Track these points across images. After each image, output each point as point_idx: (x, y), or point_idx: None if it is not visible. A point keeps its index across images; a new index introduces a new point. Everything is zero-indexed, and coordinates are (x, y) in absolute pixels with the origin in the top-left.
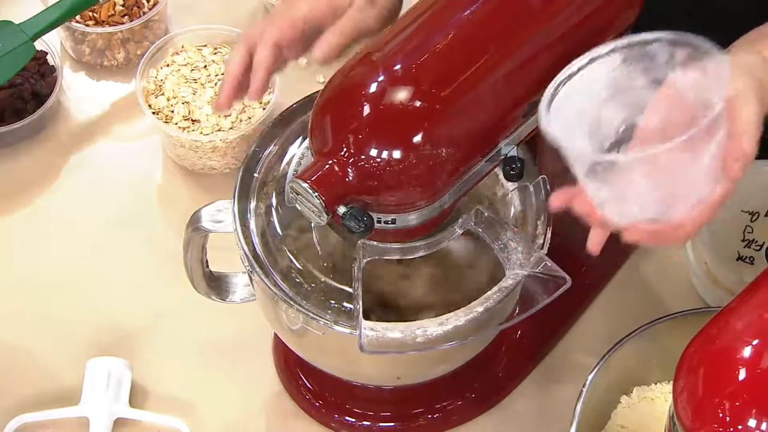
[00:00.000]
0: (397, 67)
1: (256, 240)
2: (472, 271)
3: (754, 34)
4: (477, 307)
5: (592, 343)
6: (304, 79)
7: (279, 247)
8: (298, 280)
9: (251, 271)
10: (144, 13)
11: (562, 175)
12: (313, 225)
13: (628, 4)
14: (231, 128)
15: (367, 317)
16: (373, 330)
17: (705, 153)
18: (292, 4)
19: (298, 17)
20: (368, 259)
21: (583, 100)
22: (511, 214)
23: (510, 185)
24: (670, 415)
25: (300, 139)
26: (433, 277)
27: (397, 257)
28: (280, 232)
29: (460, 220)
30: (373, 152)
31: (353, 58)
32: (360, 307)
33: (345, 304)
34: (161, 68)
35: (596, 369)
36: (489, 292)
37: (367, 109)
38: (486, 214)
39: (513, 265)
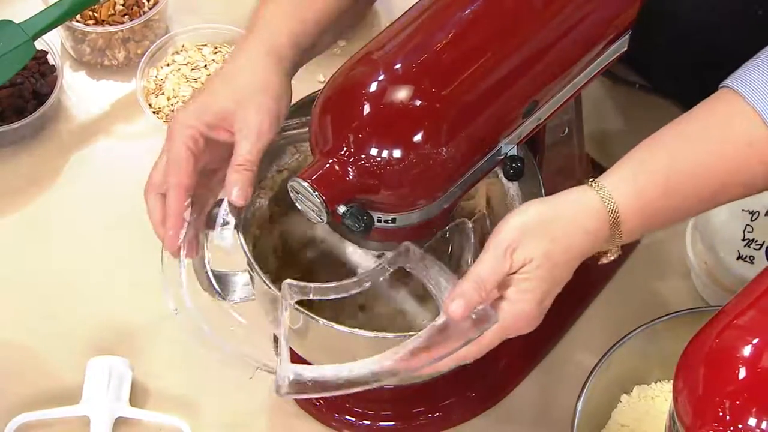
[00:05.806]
0: (398, 66)
1: None
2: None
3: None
4: (409, 345)
5: (592, 343)
6: (304, 79)
7: None
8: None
9: (251, 270)
10: (144, 13)
11: (562, 174)
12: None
13: (629, 3)
14: None
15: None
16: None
17: None
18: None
19: (191, 156)
20: (294, 300)
21: None
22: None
23: (458, 218)
24: (670, 413)
25: None
26: None
27: (333, 296)
28: None
29: (389, 256)
30: (374, 151)
31: (354, 57)
32: (287, 353)
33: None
34: (161, 67)
35: (597, 368)
36: (422, 332)
37: (367, 108)
38: (416, 249)
39: None
